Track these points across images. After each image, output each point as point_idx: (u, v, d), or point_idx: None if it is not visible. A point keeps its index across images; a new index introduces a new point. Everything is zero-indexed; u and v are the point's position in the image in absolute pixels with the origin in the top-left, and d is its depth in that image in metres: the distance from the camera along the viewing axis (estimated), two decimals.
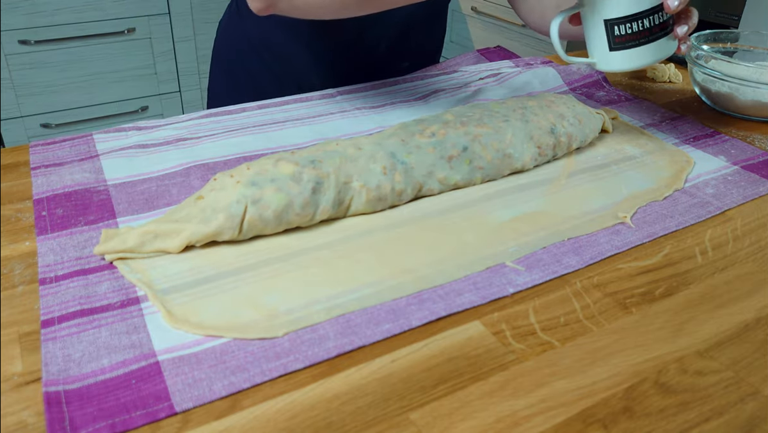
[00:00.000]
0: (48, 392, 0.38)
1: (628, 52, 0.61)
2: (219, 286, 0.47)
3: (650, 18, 0.60)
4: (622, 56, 0.61)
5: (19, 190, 0.59)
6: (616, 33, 0.60)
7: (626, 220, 0.56)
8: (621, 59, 0.62)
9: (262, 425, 0.37)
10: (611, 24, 0.60)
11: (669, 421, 0.38)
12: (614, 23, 0.60)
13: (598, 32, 0.61)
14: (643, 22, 0.60)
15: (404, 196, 0.57)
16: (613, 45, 0.61)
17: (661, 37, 0.61)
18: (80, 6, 1.86)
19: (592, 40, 0.63)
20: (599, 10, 0.60)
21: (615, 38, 0.61)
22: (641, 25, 0.60)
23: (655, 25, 0.60)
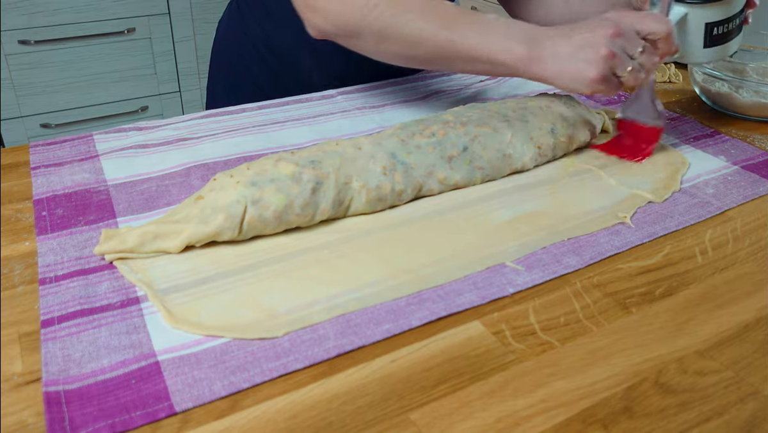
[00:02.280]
0: (48, 392, 0.38)
1: (718, 48, 0.70)
2: (219, 286, 0.47)
3: (739, 17, 0.69)
4: (712, 51, 0.70)
5: (19, 190, 0.59)
6: (714, 33, 0.68)
7: (626, 220, 0.56)
8: (711, 54, 0.70)
9: (262, 425, 0.37)
10: (711, 26, 0.68)
11: (669, 421, 0.38)
12: (714, 25, 0.68)
13: (696, 33, 0.69)
14: (734, 21, 0.69)
15: (404, 197, 0.57)
16: (708, 43, 0.69)
17: (740, 31, 0.70)
18: (80, 6, 1.86)
19: (688, 38, 0.69)
20: (703, 14, 0.68)
21: (711, 37, 0.68)
22: (733, 24, 0.69)
23: (740, 22, 0.70)
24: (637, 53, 0.60)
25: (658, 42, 0.61)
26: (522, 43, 0.61)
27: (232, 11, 0.93)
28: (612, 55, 0.59)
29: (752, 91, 0.77)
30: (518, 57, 0.61)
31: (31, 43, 1.84)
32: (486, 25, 0.63)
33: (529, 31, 0.62)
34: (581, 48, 0.59)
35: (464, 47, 0.63)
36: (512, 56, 0.61)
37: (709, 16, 0.67)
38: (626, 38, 0.60)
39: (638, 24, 0.60)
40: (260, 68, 0.89)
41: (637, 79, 0.60)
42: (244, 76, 0.91)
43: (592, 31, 0.60)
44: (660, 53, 0.62)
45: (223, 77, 0.95)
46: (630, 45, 0.60)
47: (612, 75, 0.60)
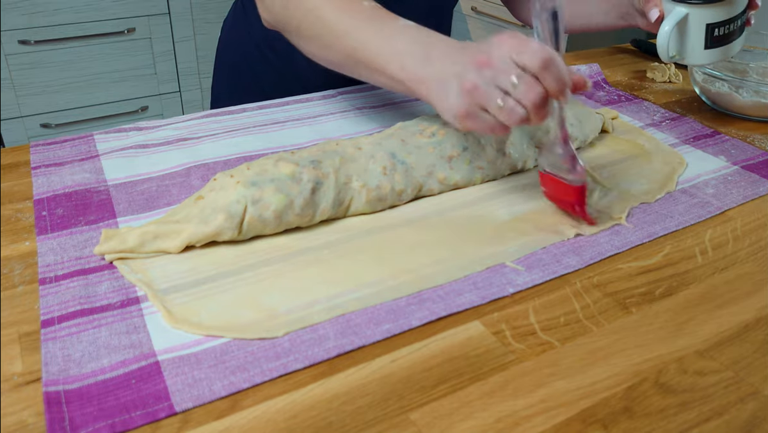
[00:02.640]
0: (48, 392, 0.38)
1: (719, 49, 0.70)
2: (219, 286, 0.47)
3: (740, 18, 0.69)
4: (713, 53, 0.70)
5: (19, 190, 0.59)
6: (715, 34, 0.68)
7: (621, 221, 0.56)
8: (712, 56, 0.70)
9: (262, 425, 0.37)
10: (712, 27, 0.68)
11: (669, 421, 0.38)
12: (715, 26, 0.68)
13: (697, 34, 0.69)
14: (736, 23, 0.68)
15: (404, 196, 0.57)
16: (710, 44, 0.69)
17: (742, 32, 0.70)
18: (80, 6, 1.86)
19: (689, 39, 0.70)
20: (704, 15, 0.68)
21: (713, 38, 0.69)
22: (734, 26, 0.68)
23: (741, 23, 0.69)
24: (510, 87, 0.49)
25: (538, 76, 0.49)
26: (417, 60, 0.55)
27: (237, 11, 0.93)
28: (474, 88, 0.51)
29: (752, 91, 0.77)
30: (407, 76, 0.56)
31: (31, 43, 1.84)
32: (391, 35, 0.58)
33: (429, 48, 0.55)
34: (453, 77, 0.52)
35: (365, 56, 0.59)
36: (403, 74, 0.56)
37: (710, 17, 0.67)
38: (497, 69, 0.50)
39: (515, 52, 0.49)
40: (263, 68, 0.89)
41: (513, 117, 0.50)
42: (248, 75, 0.91)
43: (468, 58, 0.52)
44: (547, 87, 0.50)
45: (227, 76, 0.95)
46: (501, 77, 0.50)
47: (483, 112, 0.52)
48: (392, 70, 0.57)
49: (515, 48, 0.49)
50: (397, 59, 0.56)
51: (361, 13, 0.60)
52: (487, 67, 0.50)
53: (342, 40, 0.60)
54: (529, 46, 0.49)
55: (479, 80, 0.51)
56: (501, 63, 0.50)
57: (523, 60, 0.49)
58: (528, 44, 0.49)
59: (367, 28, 0.59)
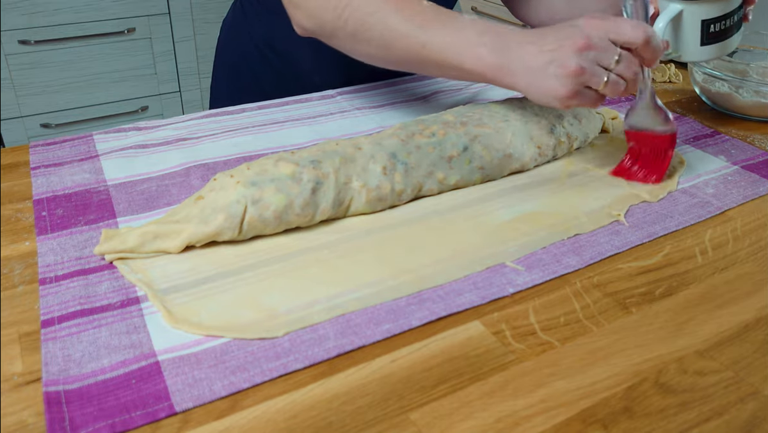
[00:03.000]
0: (48, 392, 0.38)
1: (716, 46, 0.68)
2: (219, 286, 0.47)
3: (737, 13, 0.68)
4: (710, 49, 0.69)
5: (19, 190, 0.59)
6: (711, 30, 0.67)
7: (620, 218, 0.56)
8: (708, 52, 0.69)
9: (262, 425, 0.37)
10: (707, 23, 0.66)
11: (669, 421, 0.38)
12: (710, 22, 0.66)
13: (692, 30, 0.68)
14: (732, 18, 0.67)
15: (404, 197, 0.57)
16: (705, 40, 0.68)
17: (739, 28, 0.69)
18: (80, 6, 1.86)
19: (684, 36, 0.68)
20: (699, 11, 0.66)
21: (708, 35, 0.67)
22: (730, 21, 0.67)
23: (738, 18, 0.68)
24: (613, 64, 0.55)
25: (637, 49, 0.56)
26: (493, 50, 0.58)
27: (236, 10, 0.93)
28: (581, 71, 0.54)
29: (752, 91, 0.77)
30: (487, 65, 0.58)
31: (31, 43, 1.84)
32: (459, 28, 0.59)
33: (501, 37, 0.58)
34: (550, 63, 0.55)
35: (434, 52, 0.60)
36: (481, 64, 0.58)
37: (706, 13, 0.66)
38: (598, 49, 0.55)
39: (612, 32, 0.55)
40: (263, 68, 0.89)
41: (617, 90, 0.56)
42: (247, 75, 0.91)
43: (561, 43, 0.55)
44: (642, 61, 0.57)
45: (226, 76, 0.94)
46: (604, 56, 0.55)
47: (586, 89, 0.56)
48: (468, 63, 0.59)
49: (612, 28, 0.55)
50: (471, 51, 0.58)
51: (423, 12, 0.61)
52: (588, 50, 0.54)
53: (407, 39, 0.61)
54: (625, 25, 0.54)
55: (583, 62, 0.54)
56: (601, 43, 0.54)
57: (625, 38, 0.54)
58: (623, 24, 0.55)
59: (432, 25, 0.60)
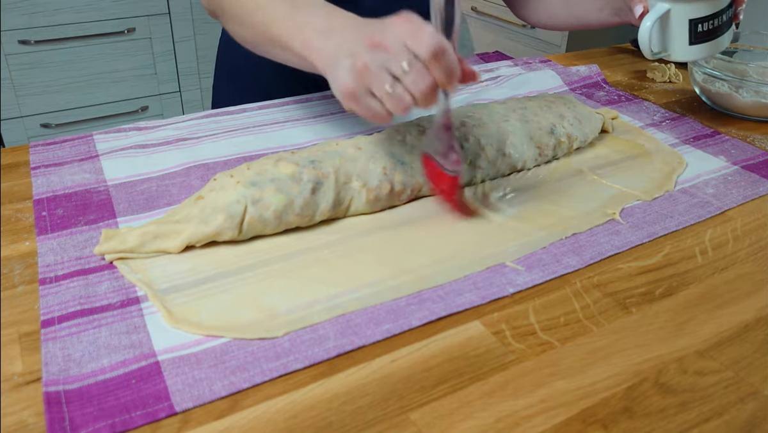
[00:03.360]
0: (48, 392, 0.38)
1: (705, 45, 0.68)
2: (219, 286, 0.47)
3: (726, 13, 0.66)
4: (698, 49, 0.68)
5: (19, 190, 0.59)
6: (699, 30, 0.66)
7: (615, 216, 0.57)
8: (697, 52, 0.68)
9: (262, 425, 0.37)
10: (695, 22, 0.66)
11: (669, 421, 0.38)
12: (698, 21, 0.65)
13: (680, 29, 0.67)
14: (721, 18, 0.66)
15: (404, 197, 0.57)
16: (694, 40, 0.67)
17: (729, 27, 0.68)
18: (80, 6, 1.86)
19: (672, 35, 0.68)
20: (686, 10, 0.66)
21: (696, 34, 0.66)
22: (719, 21, 0.66)
23: (728, 18, 0.67)
24: (400, 72, 0.46)
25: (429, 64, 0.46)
26: (318, 31, 0.52)
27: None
28: (365, 70, 0.47)
29: (752, 91, 0.77)
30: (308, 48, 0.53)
31: (31, 43, 1.84)
32: (299, 8, 0.55)
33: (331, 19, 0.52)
34: (347, 55, 0.48)
35: (273, 32, 0.56)
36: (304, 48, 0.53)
37: (693, 12, 0.65)
38: (389, 51, 0.47)
39: (409, 37, 0.46)
40: (264, 68, 0.88)
41: (400, 104, 0.47)
42: (248, 76, 0.90)
43: (360, 35, 0.49)
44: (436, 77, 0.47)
45: (228, 77, 0.94)
46: (393, 61, 0.46)
47: (369, 96, 0.48)
48: (295, 45, 0.54)
49: (408, 32, 0.46)
50: (299, 33, 0.54)
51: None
52: (379, 49, 0.47)
53: (254, 16, 0.58)
54: (422, 32, 0.46)
55: (371, 62, 0.47)
56: (394, 46, 0.46)
57: (414, 47, 0.46)
58: (421, 30, 0.46)
59: (279, 2, 0.57)
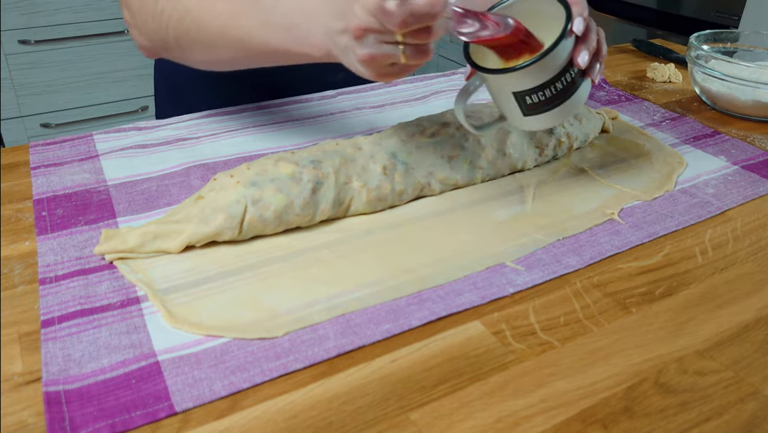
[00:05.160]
0: (48, 392, 0.38)
1: (543, 116, 0.54)
2: (219, 286, 0.47)
3: (562, 79, 0.52)
4: (537, 120, 0.54)
5: (19, 190, 0.59)
6: (528, 102, 0.53)
7: (614, 216, 0.57)
8: (537, 122, 0.55)
9: (262, 425, 0.37)
10: (521, 95, 0.52)
11: (669, 421, 0.38)
12: (524, 94, 0.52)
13: (508, 102, 0.54)
14: (555, 87, 0.52)
15: (404, 197, 0.57)
16: (527, 112, 0.54)
17: (576, 89, 0.54)
18: (80, 6, 1.86)
19: (503, 106, 0.55)
20: (504, 85, 0.53)
21: (528, 106, 0.53)
22: (554, 89, 0.52)
23: (567, 83, 0.52)
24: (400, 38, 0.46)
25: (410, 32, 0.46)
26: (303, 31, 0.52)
27: None
28: (370, 58, 0.47)
29: (752, 91, 0.77)
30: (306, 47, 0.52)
31: (31, 43, 1.84)
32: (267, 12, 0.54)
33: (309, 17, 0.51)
34: (346, 49, 0.49)
35: (253, 44, 0.55)
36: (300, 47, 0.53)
37: (514, 86, 0.52)
38: (375, 30, 0.46)
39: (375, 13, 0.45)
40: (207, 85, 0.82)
41: (423, 55, 0.48)
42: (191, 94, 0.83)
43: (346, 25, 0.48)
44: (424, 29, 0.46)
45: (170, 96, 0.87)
46: (385, 36, 0.46)
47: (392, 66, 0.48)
48: (287, 47, 0.53)
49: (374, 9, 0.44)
50: (284, 35, 0.53)
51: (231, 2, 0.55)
52: (366, 34, 0.46)
53: (225, 35, 0.56)
54: (379, 8, 0.44)
55: (368, 48, 0.47)
56: (374, 24, 0.46)
57: (387, 28, 0.45)
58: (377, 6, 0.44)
59: (243, 13, 0.55)
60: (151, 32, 0.61)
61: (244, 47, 0.56)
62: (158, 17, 0.59)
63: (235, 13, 0.55)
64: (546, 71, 0.51)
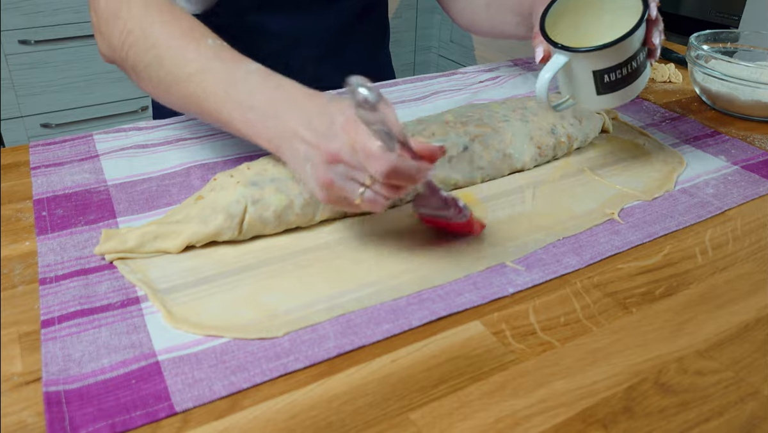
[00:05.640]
0: (48, 392, 0.38)
1: (616, 94, 0.59)
2: (219, 286, 0.47)
3: (637, 59, 0.58)
4: (609, 98, 0.59)
5: (19, 190, 0.59)
6: (606, 80, 0.58)
7: (614, 216, 0.57)
8: (608, 100, 0.60)
9: (262, 425, 0.37)
10: (600, 74, 0.57)
11: (669, 421, 0.38)
12: (603, 72, 0.57)
13: (584, 81, 0.58)
14: (630, 66, 0.57)
15: (404, 197, 0.57)
16: (602, 90, 0.59)
17: (644, 70, 0.60)
18: (80, 6, 1.86)
19: (577, 86, 0.59)
20: (586, 64, 0.57)
21: (604, 85, 0.58)
22: (629, 69, 0.57)
23: (640, 63, 0.58)
24: (368, 180, 0.45)
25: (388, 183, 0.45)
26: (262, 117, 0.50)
27: None
28: (331, 184, 0.46)
29: (752, 91, 0.77)
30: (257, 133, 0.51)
31: (31, 43, 1.84)
32: (233, 81, 0.51)
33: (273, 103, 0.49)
34: (306, 160, 0.47)
35: (208, 105, 0.52)
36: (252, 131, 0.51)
37: (595, 64, 0.57)
38: (348, 165, 0.45)
39: (361, 149, 0.43)
40: None
41: (376, 206, 0.46)
42: None
43: (318, 141, 0.46)
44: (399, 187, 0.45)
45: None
46: (355, 173, 0.45)
47: (345, 197, 0.47)
48: (240, 125, 0.51)
49: (361, 144, 0.43)
50: (241, 113, 0.50)
51: (202, 55, 0.53)
52: (337, 163, 0.45)
53: (184, 85, 0.53)
54: (369, 149, 0.43)
55: (333, 175, 0.46)
56: (351, 160, 0.45)
57: (367, 168, 0.44)
58: (368, 146, 0.43)
59: (209, 73, 0.52)
60: (114, 45, 0.59)
61: (199, 105, 0.53)
62: (123, 37, 0.57)
63: (202, 68, 0.52)
64: (627, 50, 0.57)
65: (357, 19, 0.85)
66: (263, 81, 0.51)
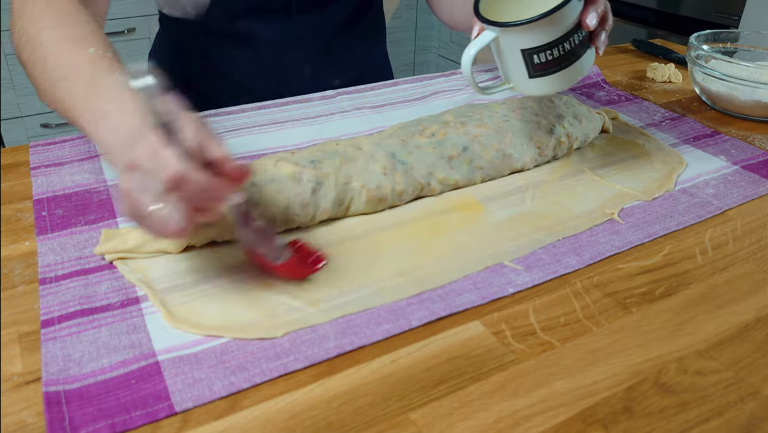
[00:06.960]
0: (48, 392, 0.38)
1: (549, 78, 0.56)
2: (219, 286, 0.47)
3: (570, 40, 0.54)
4: (543, 82, 0.56)
5: (19, 190, 0.59)
6: (536, 61, 0.54)
7: (614, 216, 0.57)
8: (542, 85, 0.56)
9: (262, 425, 0.37)
10: (529, 53, 0.54)
11: (669, 421, 0.38)
12: (533, 52, 0.54)
13: (515, 61, 0.55)
14: (563, 46, 0.54)
15: (404, 197, 0.57)
16: (533, 73, 0.55)
17: (582, 55, 0.56)
18: None
19: (509, 67, 0.57)
20: (514, 41, 0.54)
21: (535, 66, 0.55)
22: (562, 50, 0.54)
23: (575, 45, 0.55)
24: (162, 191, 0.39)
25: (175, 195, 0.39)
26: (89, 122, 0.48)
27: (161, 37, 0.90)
28: (127, 193, 0.40)
29: (752, 91, 0.77)
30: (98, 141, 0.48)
31: None
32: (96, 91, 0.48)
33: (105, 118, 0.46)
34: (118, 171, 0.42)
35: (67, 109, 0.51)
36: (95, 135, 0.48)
37: (523, 42, 0.53)
38: (144, 172, 0.39)
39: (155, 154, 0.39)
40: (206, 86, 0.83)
41: (167, 225, 0.39)
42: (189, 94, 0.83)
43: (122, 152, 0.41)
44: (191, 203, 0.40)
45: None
46: (150, 183, 0.39)
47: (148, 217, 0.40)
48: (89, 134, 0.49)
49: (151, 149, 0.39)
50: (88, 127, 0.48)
51: (77, 62, 0.52)
52: (135, 170, 0.39)
53: (55, 88, 0.53)
54: (160, 153, 0.38)
55: (129, 185, 0.40)
56: (148, 164, 0.39)
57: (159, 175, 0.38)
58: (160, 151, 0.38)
59: (78, 80, 0.51)
60: (15, 42, 0.60)
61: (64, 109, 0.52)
62: (19, 35, 0.58)
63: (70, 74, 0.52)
64: (556, 28, 0.53)
65: (351, 20, 0.86)
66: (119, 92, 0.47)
